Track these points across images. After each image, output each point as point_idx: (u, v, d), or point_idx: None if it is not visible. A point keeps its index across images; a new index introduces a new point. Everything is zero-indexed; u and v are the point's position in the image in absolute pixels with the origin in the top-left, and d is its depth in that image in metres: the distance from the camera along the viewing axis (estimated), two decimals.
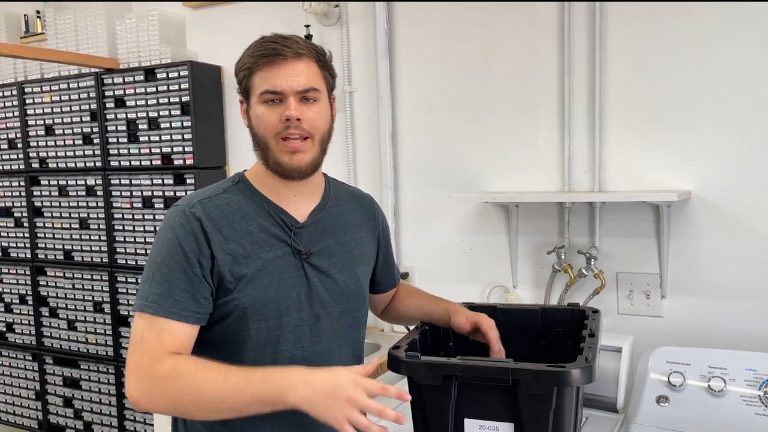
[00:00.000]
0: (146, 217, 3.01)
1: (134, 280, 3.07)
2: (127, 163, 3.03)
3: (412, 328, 1.64)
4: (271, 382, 1.14)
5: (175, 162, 2.92)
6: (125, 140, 3.03)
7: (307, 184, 1.39)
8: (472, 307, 1.74)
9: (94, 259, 3.19)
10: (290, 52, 1.29)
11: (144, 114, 2.96)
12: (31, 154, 3.33)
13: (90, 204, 3.17)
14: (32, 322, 3.43)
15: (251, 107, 1.33)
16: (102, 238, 3.15)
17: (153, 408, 1.22)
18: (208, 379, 1.15)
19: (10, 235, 3.46)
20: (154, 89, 2.93)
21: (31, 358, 3.47)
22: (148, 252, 2.96)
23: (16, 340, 3.51)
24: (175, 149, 2.91)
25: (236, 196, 1.35)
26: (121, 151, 3.04)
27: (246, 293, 1.29)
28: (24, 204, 3.38)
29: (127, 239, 3.07)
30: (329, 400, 1.13)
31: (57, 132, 3.24)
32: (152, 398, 1.19)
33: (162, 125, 2.93)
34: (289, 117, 1.27)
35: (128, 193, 3.04)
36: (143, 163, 2.99)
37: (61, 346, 3.35)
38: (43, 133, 3.28)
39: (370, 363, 1.24)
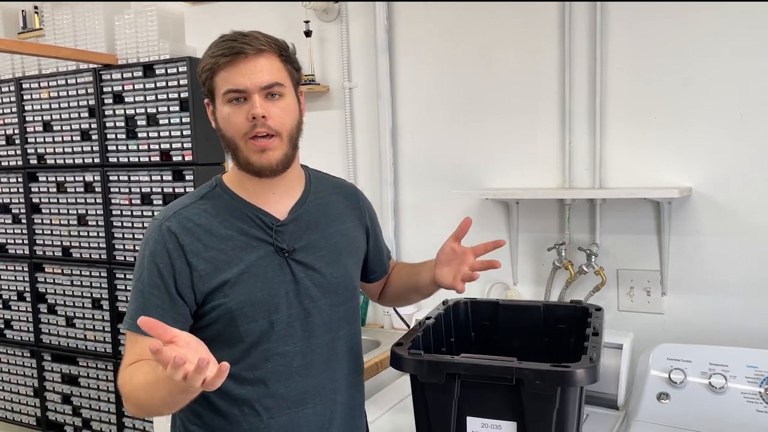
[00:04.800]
0: (145, 213, 3.00)
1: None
2: (126, 160, 3.02)
3: (412, 326, 1.63)
4: (166, 379, 1.09)
5: (174, 158, 2.91)
6: (123, 136, 3.01)
7: (284, 180, 1.37)
8: (474, 302, 1.75)
9: (92, 256, 3.19)
10: (251, 49, 1.26)
11: (142, 110, 2.95)
12: (29, 150, 3.32)
13: (88, 200, 3.16)
14: (30, 319, 3.42)
15: (217, 108, 1.31)
16: (100, 234, 3.14)
17: (133, 413, 1.26)
18: (139, 382, 1.18)
19: (8, 231, 3.45)
20: (152, 85, 2.92)
21: (29, 354, 3.47)
22: None
23: (15, 337, 3.50)
24: (173, 145, 2.90)
25: (213, 202, 1.35)
26: (119, 148, 3.03)
27: (231, 297, 1.28)
28: (22, 200, 3.37)
29: (125, 236, 3.07)
30: None
31: (55, 128, 3.22)
32: (128, 404, 1.23)
33: (161, 121, 2.91)
34: (255, 115, 1.25)
35: (127, 190, 3.03)
36: (142, 159, 2.98)
37: (59, 342, 3.34)
38: (41, 129, 3.27)
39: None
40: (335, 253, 1.41)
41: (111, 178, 3.07)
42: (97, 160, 3.11)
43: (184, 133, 2.87)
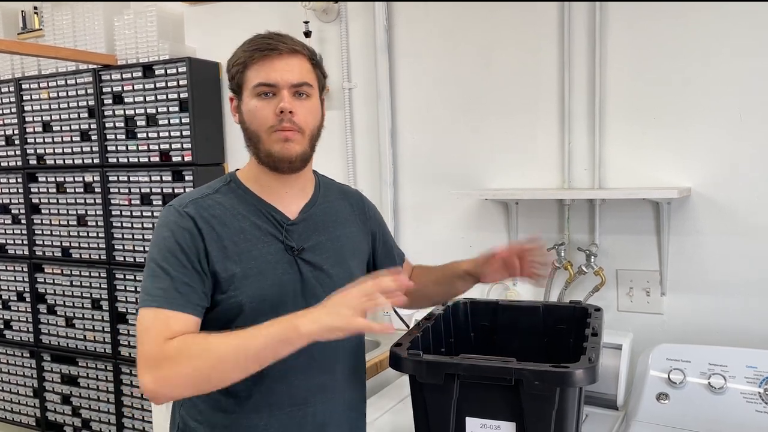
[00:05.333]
0: (144, 214, 3.00)
1: (132, 277, 3.06)
2: (125, 160, 3.02)
3: (412, 326, 1.63)
4: (279, 321, 1.16)
5: (174, 159, 2.91)
6: (123, 137, 3.02)
7: (298, 180, 1.40)
8: (474, 303, 1.75)
9: (92, 256, 3.19)
10: (285, 48, 1.31)
11: (142, 110, 2.95)
12: (28, 151, 3.32)
13: (88, 201, 3.16)
14: (30, 319, 3.42)
15: (243, 101, 1.34)
16: (100, 234, 3.14)
17: (172, 392, 1.20)
18: (219, 339, 1.17)
19: (7, 232, 3.45)
20: (152, 85, 2.92)
21: (28, 355, 3.47)
22: (147, 249, 2.96)
23: (14, 337, 3.50)
24: (173, 146, 2.90)
25: (228, 196, 1.37)
26: (119, 148, 3.03)
27: (242, 290, 1.30)
28: (21, 201, 3.37)
29: (125, 236, 3.07)
30: (334, 307, 1.16)
31: (54, 128, 3.22)
32: (169, 381, 1.17)
33: (160, 122, 2.91)
34: (282, 109, 1.29)
35: (126, 190, 3.03)
36: (141, 159, 2.98)
37: (59, 343, 3.34)
38: (40, 129, 3.27)
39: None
40: (341, 256, 1.44)
41: (110, 178, 3.07)
42: (96, 161, 3.11)
43: (184, 133, 2.87)
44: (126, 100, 2.99)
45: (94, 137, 3.10)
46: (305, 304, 1.35)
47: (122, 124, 3.01)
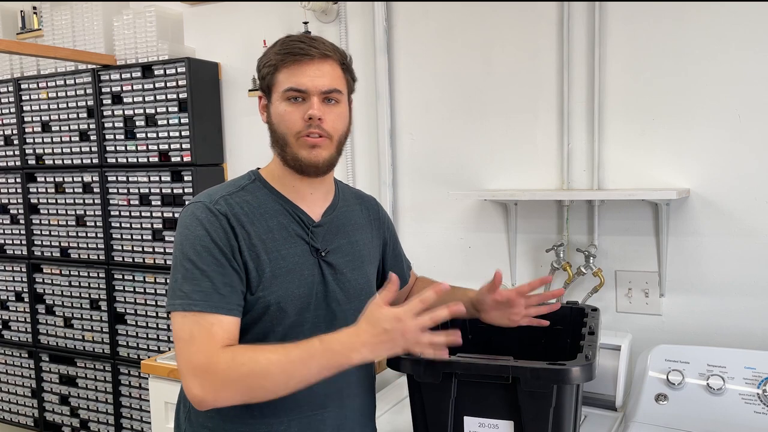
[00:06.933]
0: (143, 214, 3.00)
1: (131, 278, 3.06)
2: (124, 160, 3.02)
3: None
4: (331, 351, 1.17)
5: (173, 159, 2.90)
6: (122, 137, 3.01)
7: (323, 183, 1.42)
8: None
9: (90, 257, 3.18)
10: (317, 53, 1.31)
11: (141, 111, 2.95)
12: (27, 151, 3.31)
13: (87, 201, 3.16)
14: (28, 320, 3.42)
15: (272, 104, 1.34)
16: (99, 235, 3.14)
17: (221, 402, 1.20)
18: (271, 360, 1.17)
19: (6, 232, 3.45)
20: (151, 86, 2.92)
21: (27, 355, 3.46)
22: (145, 249, 2.98)
23: (12, 338, 3.50)
24: (172, 146, 2.89)
25: (254, 194, 1.36)
26: (118, 148, 3.03)
27: (271, 290, 1.29)
28: (20, 201, 3.37)
29: (123, 236, 3.06)
30: (387, 341, 1.17)
31: (53, 128, 3.22)
32: (219, 393, 1.18)
33: (159, 122, 2.91)
34: (312, 116, 1.29)
35: (125, 190, 3.03)
36: (140, 160, 2.98)
37: (57, 343, 3.34)
38: (39, 129, 3.27)
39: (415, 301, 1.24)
40: (359, 260, 1.45)
41: (109, 178, 3.07)
42: (95, 161, 3.11)
43: (183, 134, 2.87)
44: (125, 100, 2.99)
45: (93, 137, 3.10)
46: (326, 309, 1.36)
47: (121, 125, 3.01)
